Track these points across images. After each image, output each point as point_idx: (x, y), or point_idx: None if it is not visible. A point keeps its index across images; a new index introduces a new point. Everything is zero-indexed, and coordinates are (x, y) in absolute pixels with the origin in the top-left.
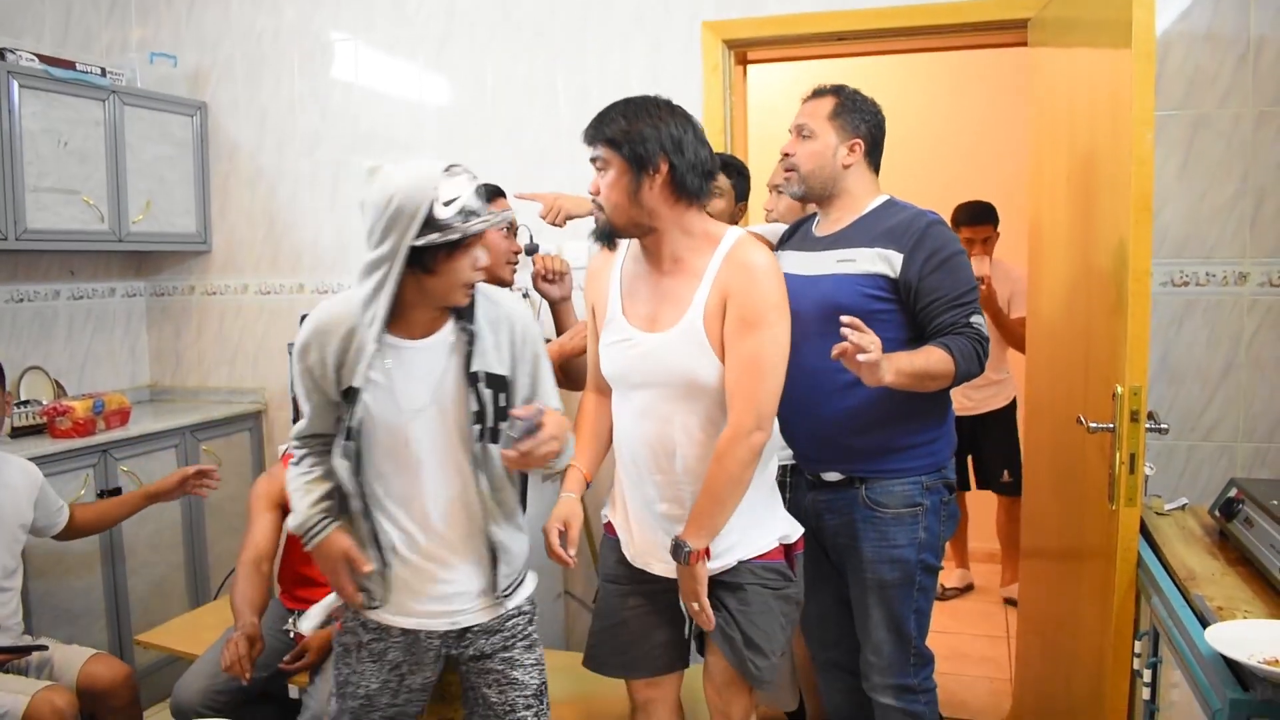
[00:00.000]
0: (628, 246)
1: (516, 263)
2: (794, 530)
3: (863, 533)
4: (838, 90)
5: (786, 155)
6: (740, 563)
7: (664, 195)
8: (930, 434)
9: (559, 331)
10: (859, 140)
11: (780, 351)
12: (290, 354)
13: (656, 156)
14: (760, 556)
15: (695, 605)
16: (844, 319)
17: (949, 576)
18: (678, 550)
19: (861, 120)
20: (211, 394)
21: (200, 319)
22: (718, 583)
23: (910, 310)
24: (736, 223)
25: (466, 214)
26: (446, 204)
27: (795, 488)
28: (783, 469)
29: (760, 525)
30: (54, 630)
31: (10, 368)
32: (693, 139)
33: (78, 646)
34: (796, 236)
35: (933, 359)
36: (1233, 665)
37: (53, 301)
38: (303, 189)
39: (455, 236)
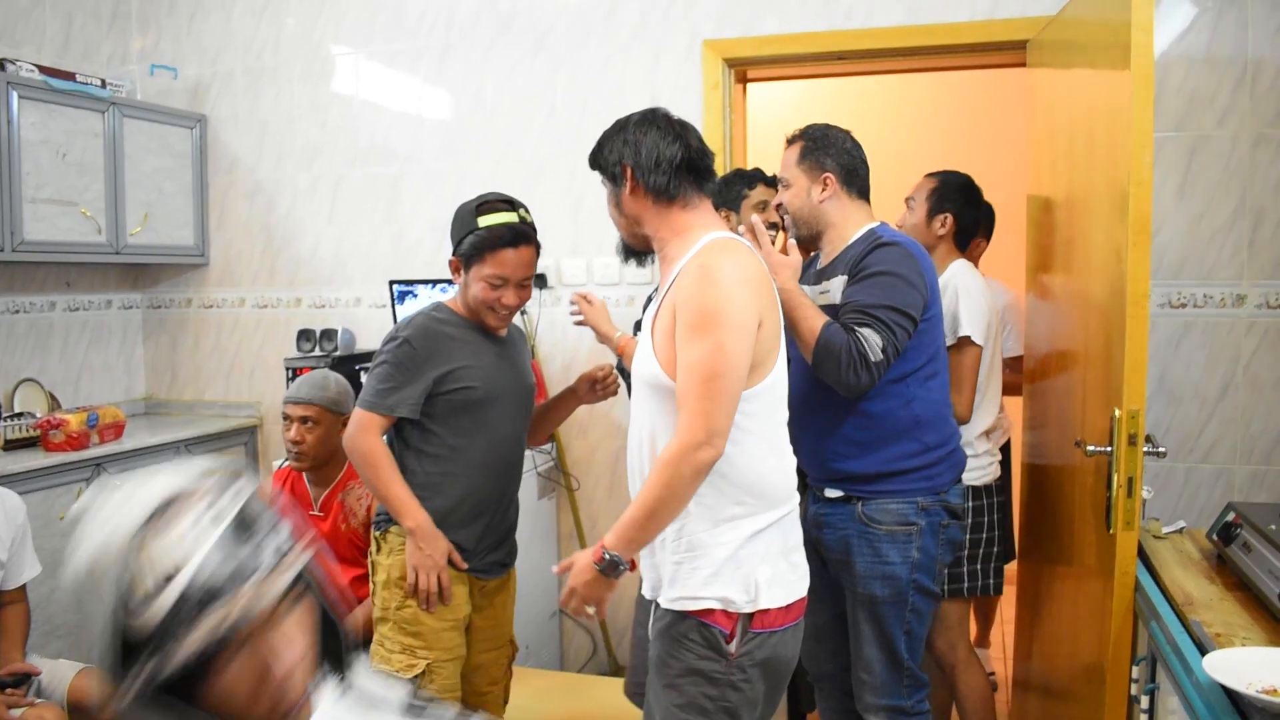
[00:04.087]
0: None
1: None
2: (755, 600)
3: (856, 548)
4: (803, 134)
5: (779, 205)
6: (661, 607)
7: (639, 199)
8: (927, 457)
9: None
10: (829, 175)
11: (729, 363)
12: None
13: (618, 165)
14: (692, 612)
15: (581, 608)
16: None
17: None
18: (609, 562)
19: (827, 155)
20: (207, 407)
21: (197, 332)
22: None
23: None
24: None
25: (206, 596)
26: (153, 592)
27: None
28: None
29: (702, 571)
30: (45, 647)
31: (5, 380)
32: (655, 139)
33: (65, 661)
34: (805, 271)
35: (809, 315)
36: (1231, 694)
37: (49, 313)
38: (301, 202)
39: (185, 656)
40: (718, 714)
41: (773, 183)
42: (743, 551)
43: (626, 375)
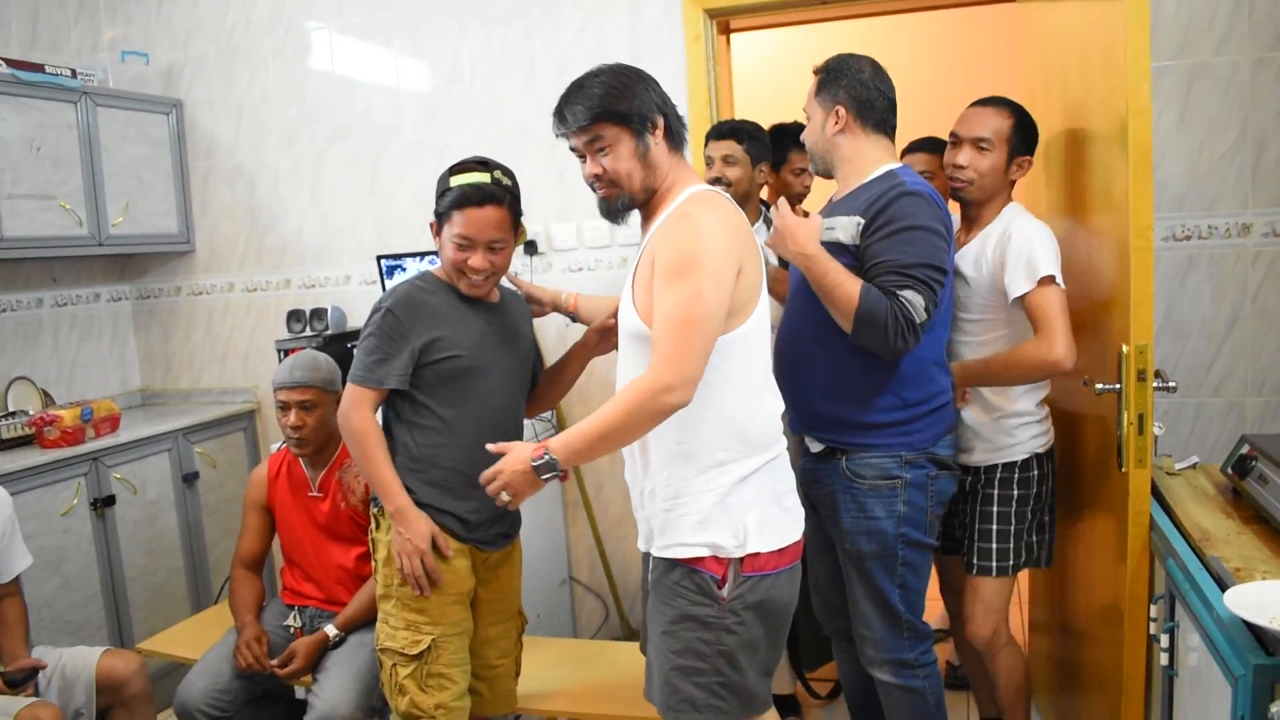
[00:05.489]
0: None
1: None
2: (744, 545)
3: (842, 503)
4: (822, 67)
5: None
6: (652, 556)
7: (665, 149)
8: (905, 414)
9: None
10: (839, 106)
11: (707, 309)
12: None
13: (653, 113)
14: (683, 560)
15: (498, 492)
16: None
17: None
18: (546, 462)
19: (839, 87)
20: (204, 395)
21: (188, 320)
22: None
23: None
24: (760, 190)
25: None
26: None
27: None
28: None
29: (691, 518)
30: (55, 642)
31: None
32: (659, 88)
33: (85, 647)
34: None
35: (843, 281)
36: (1254, 629)
37: (36, 310)
38: (284, 182)
39: None
40: (714, 658)
41: (744, 135)
42: (730, 498)
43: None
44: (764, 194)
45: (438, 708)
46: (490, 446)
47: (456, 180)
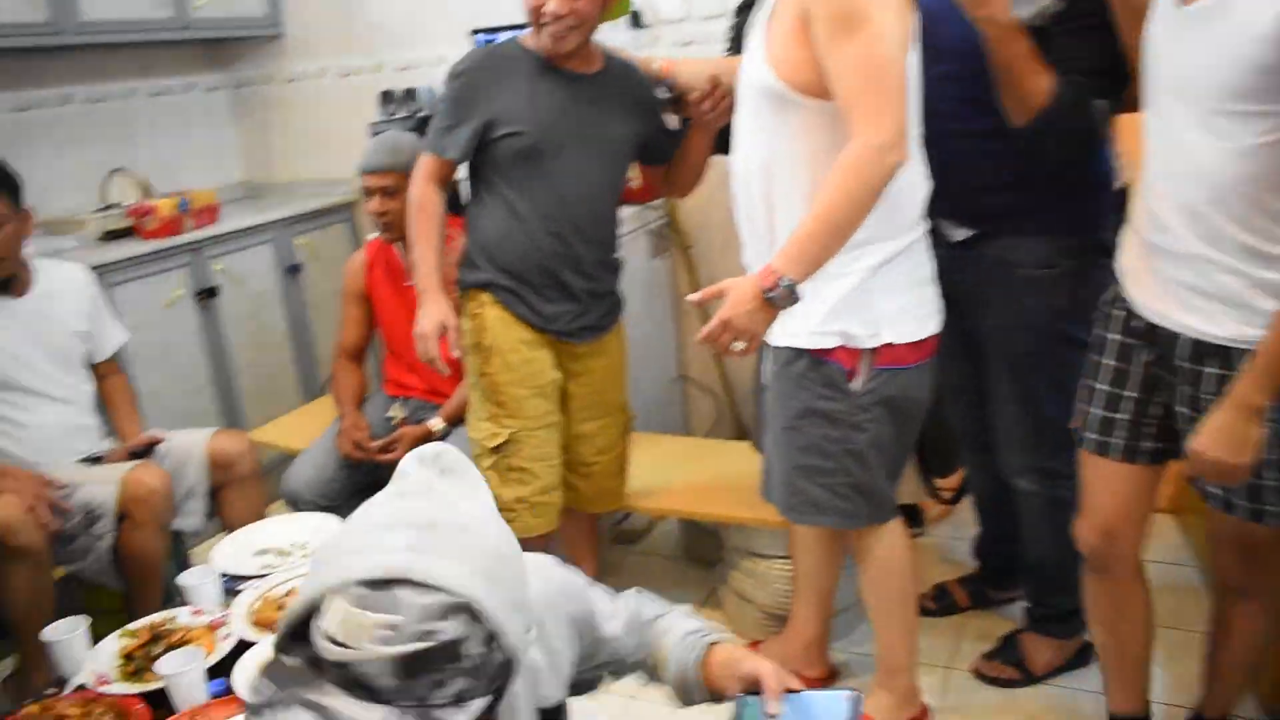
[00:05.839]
0: None
1: None
2: (878, 334)
3: (991, 296)
4: None
5: None
6: (772, 347)
7: None
8: (1074, 202)
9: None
10: None
11: (892, 51)
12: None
13: None
14: (811, 350)
15: (728, 343)
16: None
17: None
18: (784, 288)
19: None
20: (304, 186)
21: (284, 109)
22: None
23: None
24: None
25: None
26: None
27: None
28: None
29: (826, 303)
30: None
31: (95, 172)
32: None
33: (193, 429)
34: None
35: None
36: None
37: (129, 100)
38: None
39: None
40: (842, 457)
41: None
42: (871, 281)
43: (676, 102)
44: None
45: (518, 501)
46: (692, 298)
47: None
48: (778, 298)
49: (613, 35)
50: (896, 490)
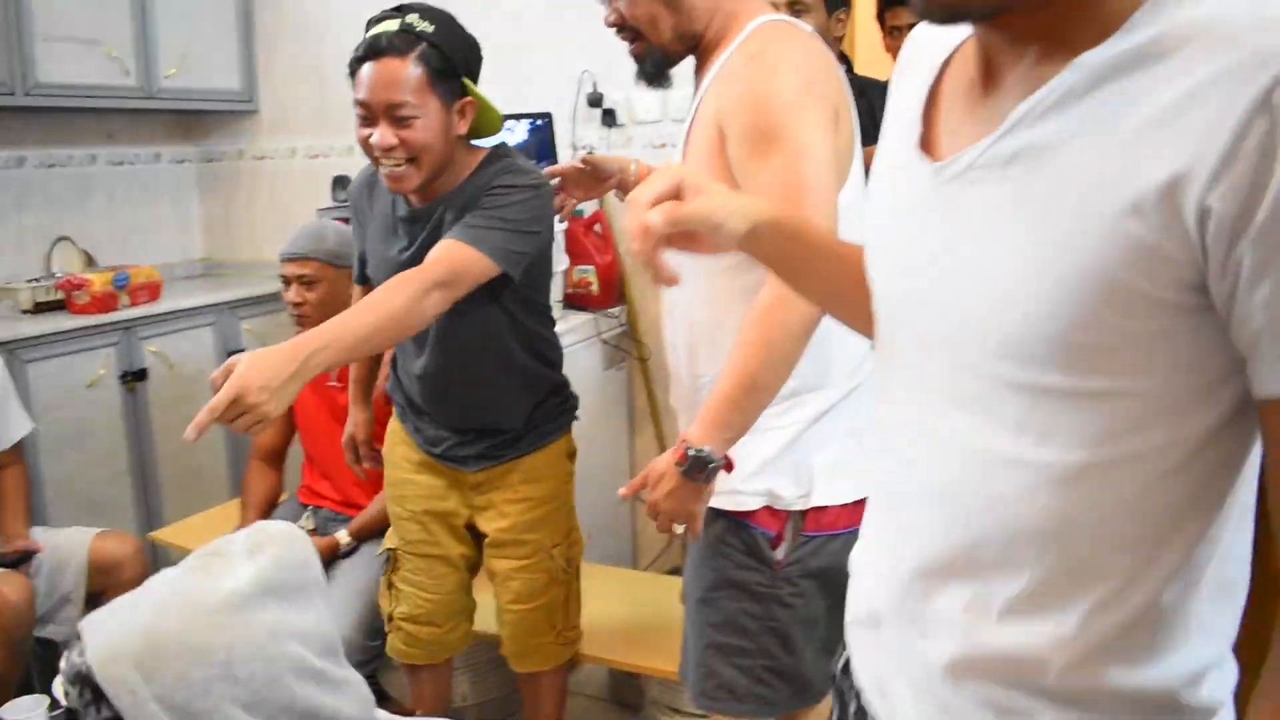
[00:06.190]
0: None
1: None
2: (808, 494)
3: None
4: None
5: None
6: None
7: None
8: None
9: None
10: None
11: (819, 168)
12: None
13: None
14: (730, 511)
15: (668, 526)
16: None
17: None
18: (693, 460)
19: None
20: (267, 267)
21: (251, 186)
22: None
23: None
24: (841, 41)
25: None
26: None
27: None
28: None
29: (752, 459)
30: (63, 518)
31: (43, 239)
32: None
33: (79, 528)
34: None
35: None
36: None
37: (89, 168)
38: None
39: None
40: (764, 635)
41: None
42: (806, 434)
43: None
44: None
45: (388, 618)
46: (622, 491)
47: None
48: (691, 469)
49: (586, 134)
50: (828, 667)
